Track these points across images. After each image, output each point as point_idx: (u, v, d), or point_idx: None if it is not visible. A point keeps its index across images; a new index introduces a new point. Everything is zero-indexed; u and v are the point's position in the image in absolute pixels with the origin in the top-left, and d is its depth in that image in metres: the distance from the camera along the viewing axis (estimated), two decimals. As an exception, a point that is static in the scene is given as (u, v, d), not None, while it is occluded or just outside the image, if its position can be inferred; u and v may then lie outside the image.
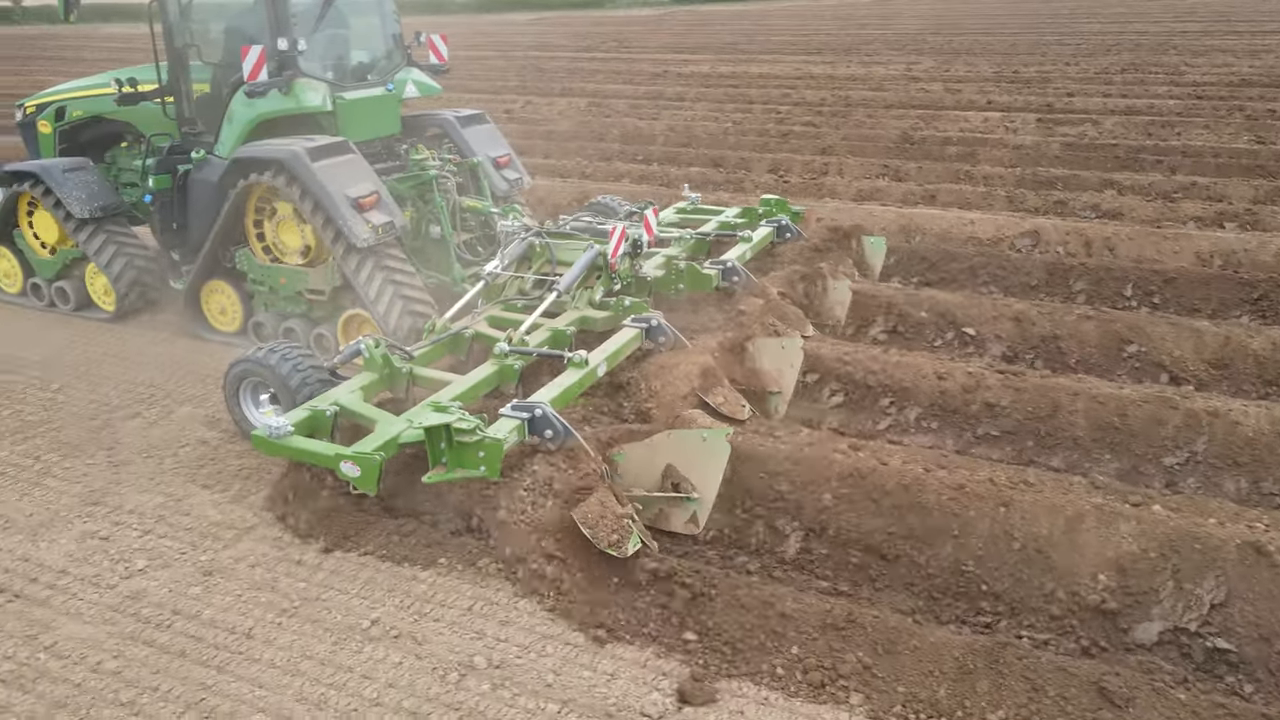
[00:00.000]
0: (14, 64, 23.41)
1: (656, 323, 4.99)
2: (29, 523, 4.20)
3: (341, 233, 5.41)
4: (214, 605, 3.63)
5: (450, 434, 3.69)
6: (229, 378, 4.79)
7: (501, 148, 7.09)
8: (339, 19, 6.39)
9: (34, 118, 7.25)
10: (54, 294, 6.90)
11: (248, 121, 5.88)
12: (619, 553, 3.56)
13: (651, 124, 13.96)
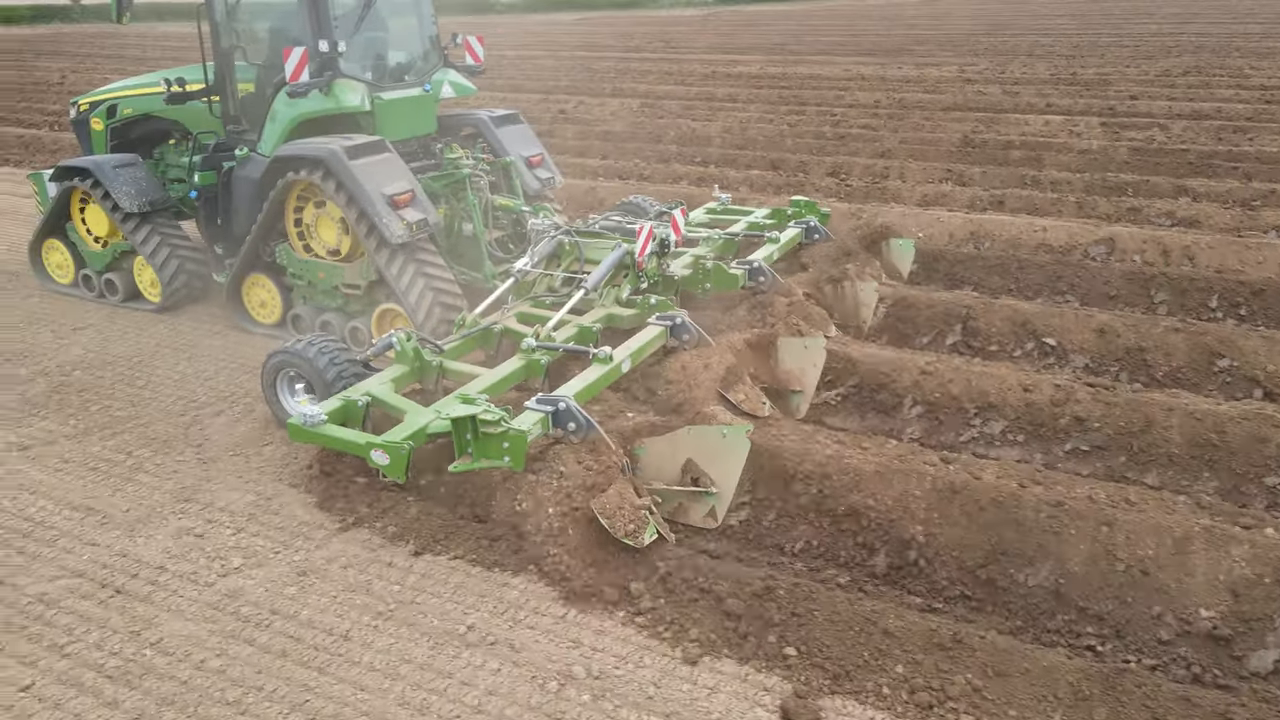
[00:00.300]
0: (74, 61, 23.97)
1: (681, 320, 5.07)
2: (126, 518, 4.28)
3: (377, 229, 5.54)
4: (310, 606, 3.66)
5: (476, 425, 3.82)
6: (266, 368, 4.94)
7: (534, 147, 7.17)
8: (378, 21, 6.52)
9: (87, 115, 7.48)
10: (103, 285, 7.12)
11: (289, 120, 6.04)
12: (635, 542, 3.67)
13: (706, 125, 13.90)
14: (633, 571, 3.71)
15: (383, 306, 5.95)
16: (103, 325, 6.67)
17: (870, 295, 6.17)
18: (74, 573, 3.89)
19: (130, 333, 6.47)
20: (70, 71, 21.03)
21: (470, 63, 6.98)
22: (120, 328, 6.61)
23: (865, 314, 6.12)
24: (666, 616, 3.52)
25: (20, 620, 3.59)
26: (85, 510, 4.35)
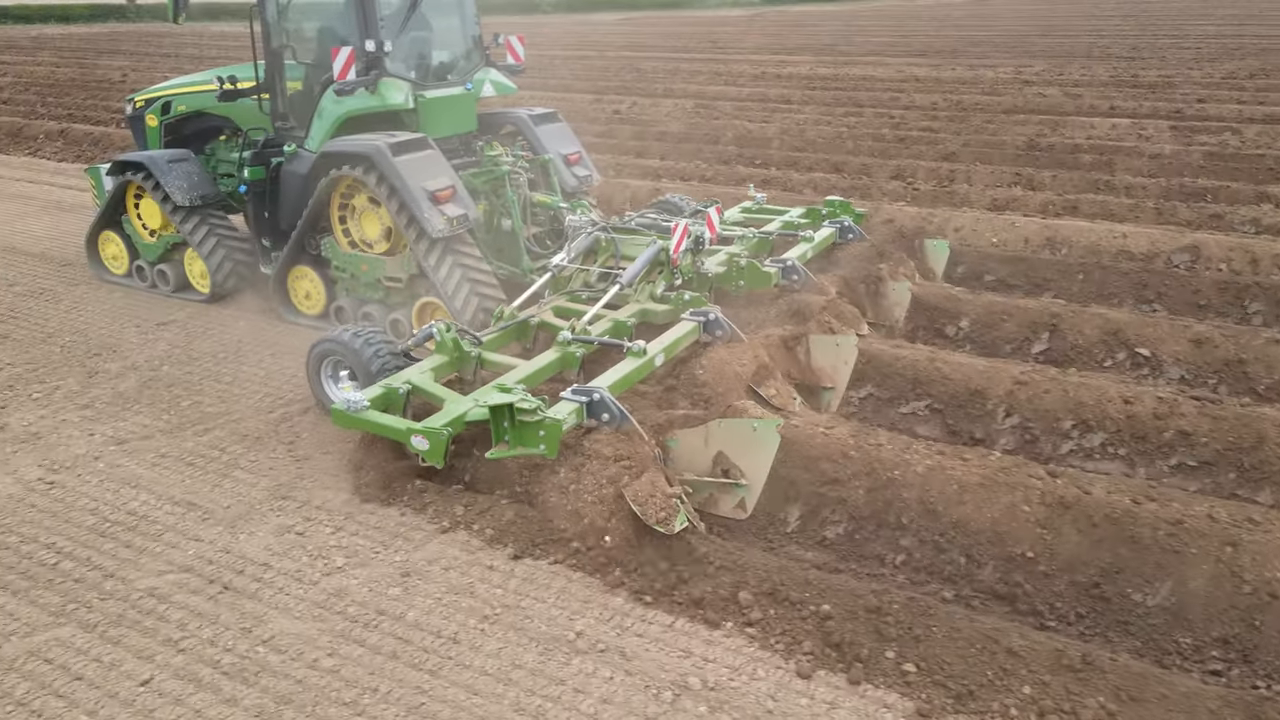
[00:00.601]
0: (133, 59, 24.46)
1: (714, 316, 5.13)
2: (227, 514, 4.32)
3: (418, 223, 5.68)
4: (416, 607, 3.66)
5: (513, 413, 3.94)
6: (311, 356, 5.10)
7: (572, 145, 7.26)
8: (422, 21, 6.64)
9: (142, 112, 7.70)
10: (155, 276, 7.34)
11: (336, 118, 6.19)
12: (666, 529, 3.74)
13: (763, 127, 13.81)
14: (740, 581, 3.66)
15: (423, 299, 6.08)
16: (186, 321, 6.77)
17: (904, 295, 6.19)
18: (181, 568, 3.93)
19: (214, 329, 6.56)
20: (130, 70, 21.47)
21: (511, 62, 7.13)
22: (203, 324, 6.70)
23: (899, 313, 6.16)
24: (777, 628, 3.47)
25: (133, 614, 3.63)
26: (186, 505, 4.40)
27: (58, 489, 4.56)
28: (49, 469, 4.74)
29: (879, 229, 7.76)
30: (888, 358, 5.47)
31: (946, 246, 7.21)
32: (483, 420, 4.09)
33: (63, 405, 5.45)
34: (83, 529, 4.22)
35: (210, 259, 6.88)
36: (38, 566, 3.94)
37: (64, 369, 5.95)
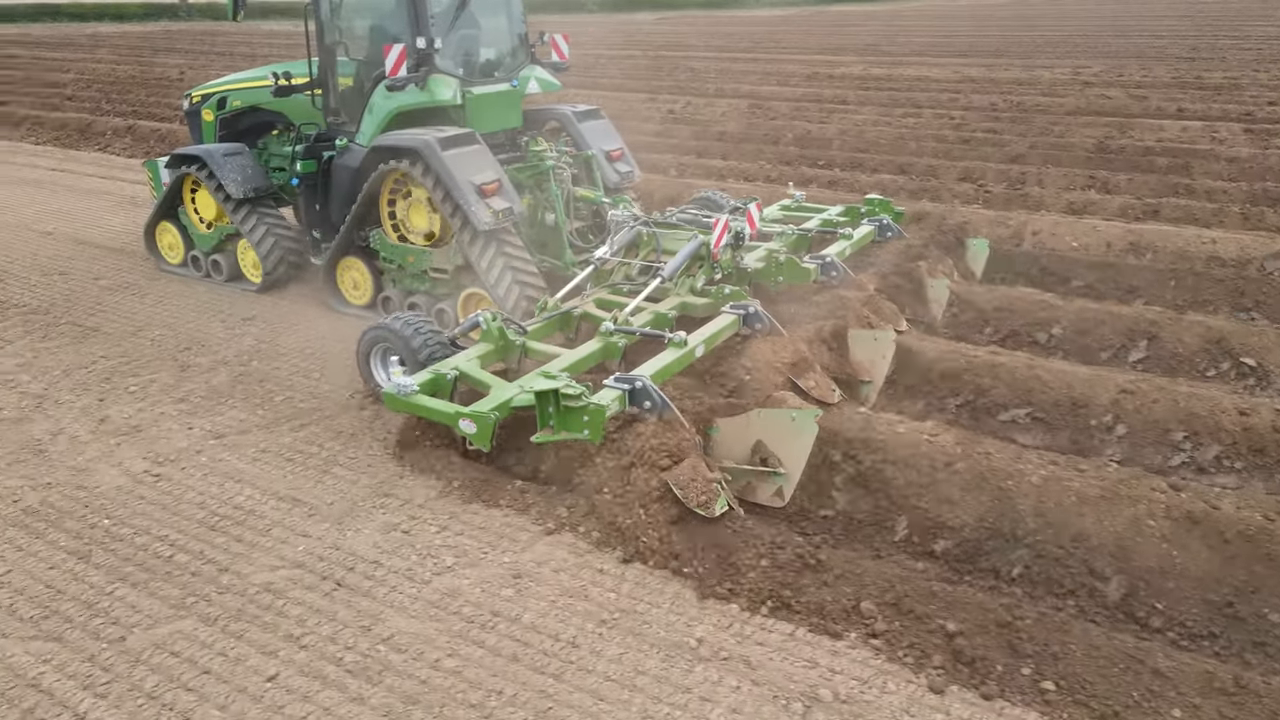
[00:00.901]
0: (188, 57, 24.86)
1: (754, 310, 5.19)
2: (331, 511, 4.33)
3: (466, 216, 5.82)
4: (530, 610, 3.63)
5: (558, 399, 4.06)
6: (362, 343, 5.26)
7: (615, 141, 7.36)
8: (470, 19, 6.75)
9: (199, 107, 7.91)
10: (210, 265, 7.56)
11: (387, 113, 6.33)
12: (707, 513, 3.88)
13: (822, 127, 13.68)
14: (861, 590, 3.59)
15: (468, 290, 6.21)
16: (269, 317, 6.83)
17: (942, 292, 6.24)
18: (293, 564, 3.94)
19: (299, 325, 6.60)
20: (187, 68, 21.82)
21: (556, 60, 7.26)
22: (287, 320, 6.75)
23: (936, 310, 6.21)
24: (904, 640, 3.39)
25: (252, 609, 3.65)
26: (291, 501, 4.42)
27: (164, 481, 4.60)
28: (154, 461, 4.79)
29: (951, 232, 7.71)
30: (983, 364, 5.37)
31: (986, 245, 7.22)
32: (528, 406, 4.21)
33: (159, 399, 5.52)
34: (193, 522, 4.25)
35: (261, 249, 7.07)
36: (153, 559, 3.98)
37: (156, 363, 6.03)
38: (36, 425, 5.18)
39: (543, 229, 6.69)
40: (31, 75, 20.60)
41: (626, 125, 14.60)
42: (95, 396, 5.54)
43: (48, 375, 5.82)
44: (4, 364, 5.98)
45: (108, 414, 5.31)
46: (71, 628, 3.55)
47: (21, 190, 10.94)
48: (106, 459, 4.83)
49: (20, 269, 7.92)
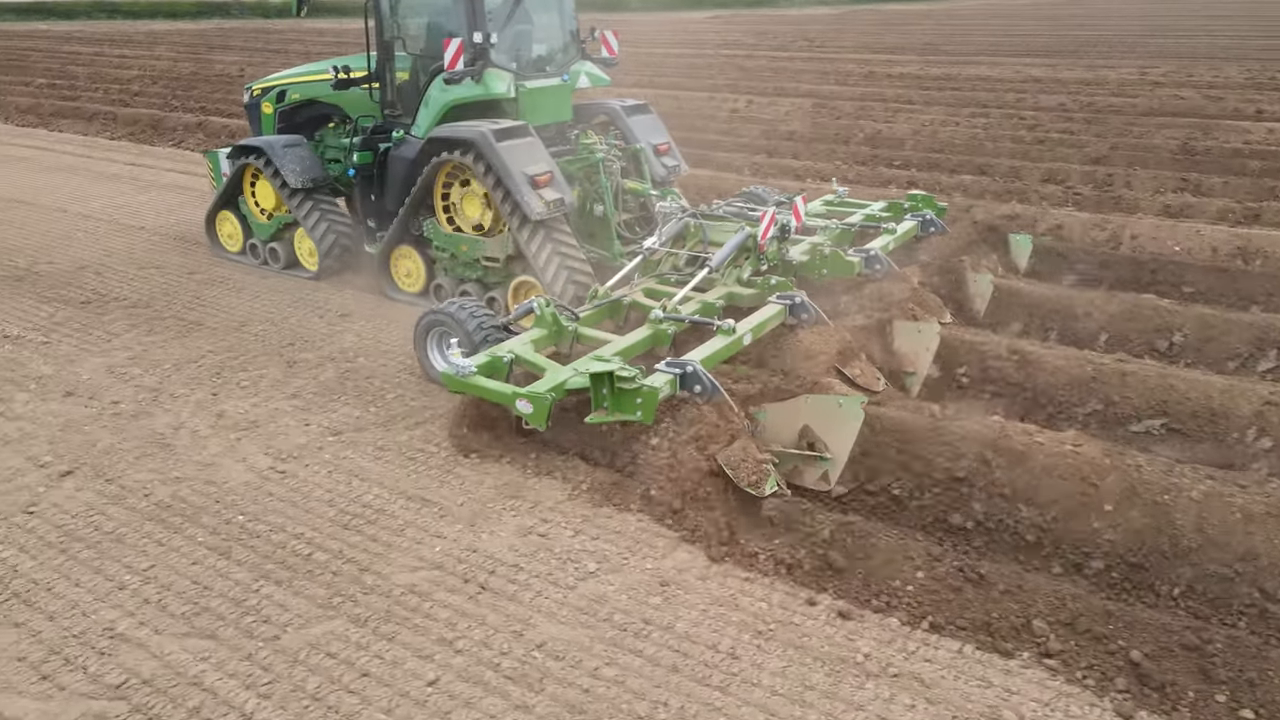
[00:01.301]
0: (244, 55, 25.13)
1: (800, 300, 5.30)
2: (462, 512, 4.29)
3: (519, 206, 5.98)
4: (683, 619, 3.55)
5: (613, 381, 4.19)
6: (419, 327, 5.48)
7: (662, 136, 7.48)
8: (524, 15, 6.91)
9: (259, 100, 8.16)
10: (267, 253, 7.78)
11: (443, 106, 6.52)
12: (756, 492, 4.00)
13: (891, 127, 13.47)
14: (1030, 608, 3.46)
15: (519, 278, 6.37)
16: (367, 313, 6.84)
17: (985, 286, 6.29)
18: (432, 564, 3.90)
19: (398, 322, 6.57)
20: (245, 65, 22.08)
21: (605, 55, 7.38)
22: (386, 316, 6.75)
23: (979, 304, 6.28)
24: (1081, 661, 3.26)
25: (400, 611, 3.60)
26: (420, 500, 4.38)
27: (290, 478, 4.59)
28: (276, 457, 4.78)
29: (1047, 234, 7.51)
30: (1111, 373, 5.20)
31: (1029, 241, 7.27)
32: (582, 388, 4.34)
33: (271, 394, 5.52)
34: (325, 520, 4.23)
35: (316, 237, 7.25)
36: (293, 557, 3.95)
37: (263, 358, 6.04)
38: (156, 419, 5.21)
39: (591, 220, 6.82)
40: (97, 71, 20.95)
41: (690, 123, 14.52)
42: (208, 390, 5.55)
43: (159, 369, 5.85)
44: (116, 357, 6.02)
45: (224, 409, 5.33)
46: (224, 625, 3.53)
47: (105, 184, 11.10)
48: (230, 454, 4.83)
49: (117, 263, 8.01)
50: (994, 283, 6.36)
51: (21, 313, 6.80)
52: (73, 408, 5.33)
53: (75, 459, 4.76)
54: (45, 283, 7.47)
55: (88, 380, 5.68)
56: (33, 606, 3.64)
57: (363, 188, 7.14)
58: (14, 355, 6.04)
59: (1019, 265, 7.19)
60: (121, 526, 4.17)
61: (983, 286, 6.29)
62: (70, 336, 6.37)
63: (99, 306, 6.95)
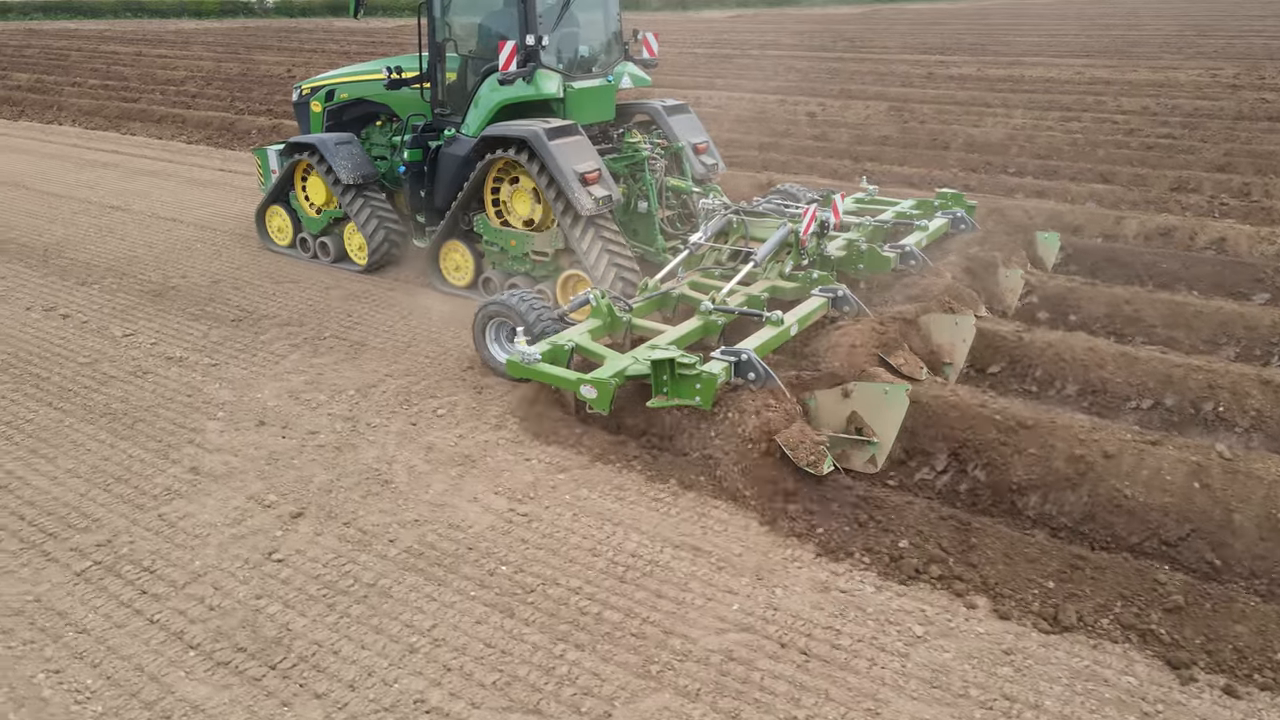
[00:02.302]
0: (282, 54, 24.81)
1: (842, 293, 5.55)
2: (744, 563, 3.95)
3: (569, 202, 6.16)
4: (1049, 695, 3.22)
5: (674, 367, 4.45)
6: (479, 317, 5.69)
7: (701, 135, 7.66)
8: (572, 17, 7.05)
9: (308, 99, 8.34)
10: (317, 247, 7.95)
11: (494, 105, 6.69)
12: (815, 471, 4.15)
13: (983, 131, 13.12)
14: None
15: (567, 272, 6.54)
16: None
17: (1016, 282, 6.46)
18: (737, 625, 3.57)
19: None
20: (291, 65, 21.77)
21: (646, 56, 7.54)
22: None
23: (1010, 299, 6.44)
24: None
25: (732, 684, 3.27)
26: (690, 549, 4.05)
27: (535, 522, 4.26)
28: (511, 498, 4.45)
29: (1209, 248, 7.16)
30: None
31: (1057, 238, 7.39)
32: (642, 376, 4.57)
33: (473, 424, 5.19)
34: (596, 572, 3.90)
35: (369, 233, 7.43)
36: (583, 616, 3.63)
37: (448, 383, 5.70)
38: (363, 452, 4.88)
39: (635, 216, 7.02)
40: (145, 72, 20.64)
41: (772, 128, 14.21)
42: (405, 419, 5.23)
43: (343, 395, 5.53)
44: (292, 382, 5.70)
45: (431, 440, 5.00)
46: (544, 698, 3.20)
47: (200, 191, 10.78)
48: (457, 493, 4.50)
49: (250, 276, 7.70)
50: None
51: (176, 332, 6.49)
52: (270, 439, 5.01)
53: (299, 498, 4.44)
54: (186, 298, 7.16)
55: (274, 408, 5.36)
56: (327, 673, 3.32)
57: (412, 184, 7.25)
58: (186, 379, 5.73)
59: (1046, 263, 7.25)
60: (381, 578, 3.85)
61: (1014, 281, 6.45)
62: (235, 358, 6.05)
63: (252, 325, 6.63)
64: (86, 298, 7.17)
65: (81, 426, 5.13)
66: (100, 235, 8.91)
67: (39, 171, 11.77)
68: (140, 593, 3.76)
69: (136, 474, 4.65)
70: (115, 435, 5.03)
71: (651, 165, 6.90)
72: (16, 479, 4.60)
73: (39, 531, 4.18)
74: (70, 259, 8.17)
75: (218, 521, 4.25)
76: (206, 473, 4.67)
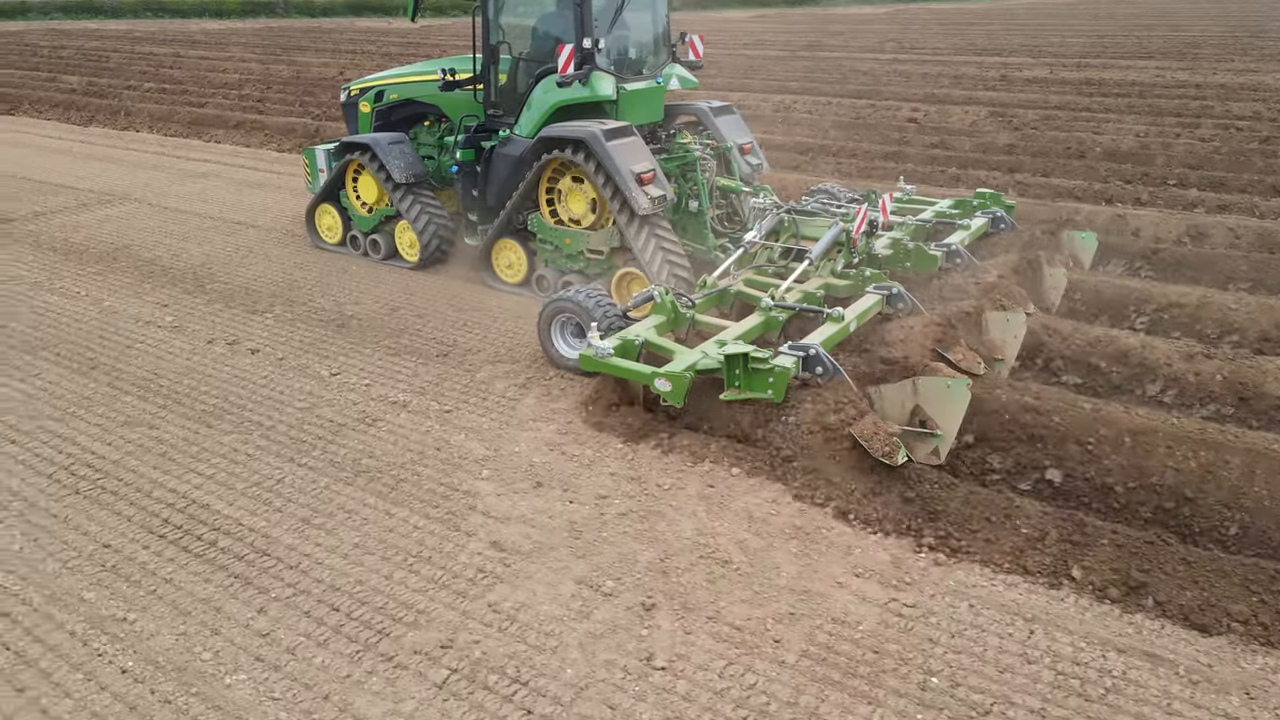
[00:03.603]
0: (324, 55, 24.14)
1: (896, 290, 5.65)
2: (1223, 679, 3.34)
3: (626, 201, 6.24)
4: None
5: (747, 361, 4.56)
6: (544, 313, 5.77)
7: (745, 136, 7.74)
8: (622, 20, 7.06)
9: (356, 99, 8.45)
10: (368, 245, 8.02)
11: (549, 106, 6.74)
12: (890, 462, 4.25)
13: (1106, 139, 12.53)
14: None
15: (622, 270, 6.62)
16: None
17: (1060, 280, 6.50)
18: None
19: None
20: (342, 68, 21.08)
21: (691, 58, 7.65)
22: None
23: (1054, 297, 6.48)
24: None
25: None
26: (1146, 656, 3.43)
27: (932, 616, 3.62)
28: (882, 583, 3.82)
29: None
30: None
31: (1094, 238, 7.42)
32: (712, 370, 4.71)
33: (778, 486, 4.52)
34: (1046, 686, 3.27)
35: (421, 231, 7.47)
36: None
37: (691, 434, 5.05)
38: (675, 523, 4.22)
39: (685, 215, 7.08)
40: (195, 75, 19.94)
41: (883, 134, 13.56)
42: (700, 481, 4.55)
43: (610, 449, 4.86)
44: (542, 431, 5.04)
45: (744, 507, 4.33)
46: None
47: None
48: (814, 576, 3.85)
49: (427, 302, 7.07)
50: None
51: (382, 370, 5.85)
52: (559, 505, 4.37)
53: (637, 584, 3.80)
54: (373, 329, 6.54)
55: (542, 464, 4.72)
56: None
57: (465, 183, 7.34)
58: (425, 428, 5.09)
59: (1083, 262, 7.32)
60: (799, 694, 3.22)
61: (1057, 279, 6.50)
62: (465, 402, 5.41)
63: (459, 360, 6.00)
64: (265, 329, 6.54)
65: (341, 489, 4.50)
66: (243, 256, 8.28)
67: (142, 183, 11.10)
68: (526, 713, 3.13)
69: (434, 550, 4.01)
70: (384, 499, 4.40)
71: (703, 165, 6.99)
72: (304, 557, 3.96)
73: (364, 627, 3.54)
74: (224, 283, 7.54)
75: (561, 614, 3.61)
76: (512, 549, 4.03)
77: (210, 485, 4.53)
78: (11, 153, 12.89)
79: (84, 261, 8.11)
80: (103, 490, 4.48)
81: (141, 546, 4.05)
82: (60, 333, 6.45)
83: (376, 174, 7.51)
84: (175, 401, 5.40)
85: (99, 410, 5.29)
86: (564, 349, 5.74)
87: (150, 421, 5.15)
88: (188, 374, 5.78)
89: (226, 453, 4.81)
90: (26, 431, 5.04)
